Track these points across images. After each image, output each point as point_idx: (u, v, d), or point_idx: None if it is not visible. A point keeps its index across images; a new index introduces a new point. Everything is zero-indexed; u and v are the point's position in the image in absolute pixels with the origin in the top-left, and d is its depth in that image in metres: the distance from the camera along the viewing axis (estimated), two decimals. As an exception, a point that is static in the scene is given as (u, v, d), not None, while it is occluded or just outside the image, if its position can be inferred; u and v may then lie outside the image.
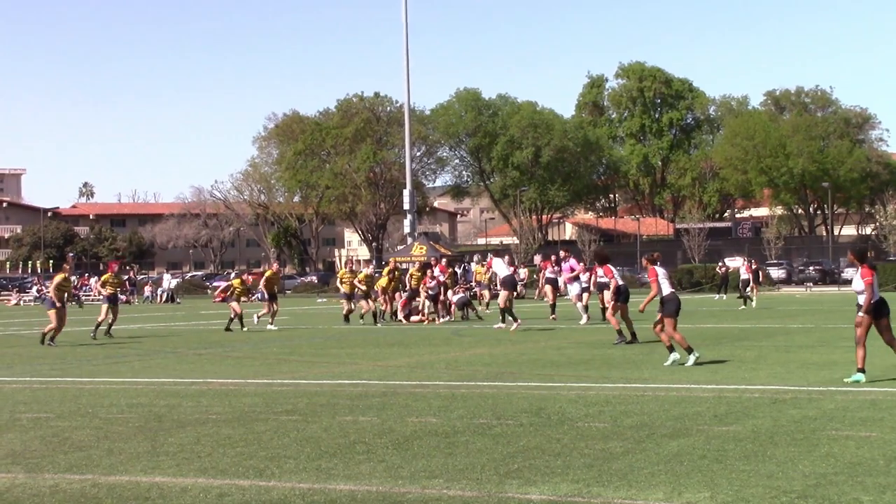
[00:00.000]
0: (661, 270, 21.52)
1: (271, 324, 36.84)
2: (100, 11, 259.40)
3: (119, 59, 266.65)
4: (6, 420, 14.81)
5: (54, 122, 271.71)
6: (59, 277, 31.58)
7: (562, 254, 37.76)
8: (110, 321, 33.62)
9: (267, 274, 38.36)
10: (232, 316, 36.70)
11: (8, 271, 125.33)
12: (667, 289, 21.23)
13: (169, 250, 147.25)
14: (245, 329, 35.80)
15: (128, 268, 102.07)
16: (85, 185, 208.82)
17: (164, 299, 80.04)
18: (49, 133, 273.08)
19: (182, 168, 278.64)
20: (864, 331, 17.28)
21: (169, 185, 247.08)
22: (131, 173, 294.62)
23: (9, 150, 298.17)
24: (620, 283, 28.03)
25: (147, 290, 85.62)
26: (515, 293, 28.79)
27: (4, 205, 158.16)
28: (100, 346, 30.38)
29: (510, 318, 32.34)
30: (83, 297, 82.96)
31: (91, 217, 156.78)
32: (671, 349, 20.93)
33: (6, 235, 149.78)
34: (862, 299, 17.42)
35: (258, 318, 37.59)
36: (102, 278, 35.09)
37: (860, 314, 17.35)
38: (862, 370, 17.33)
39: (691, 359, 20.68)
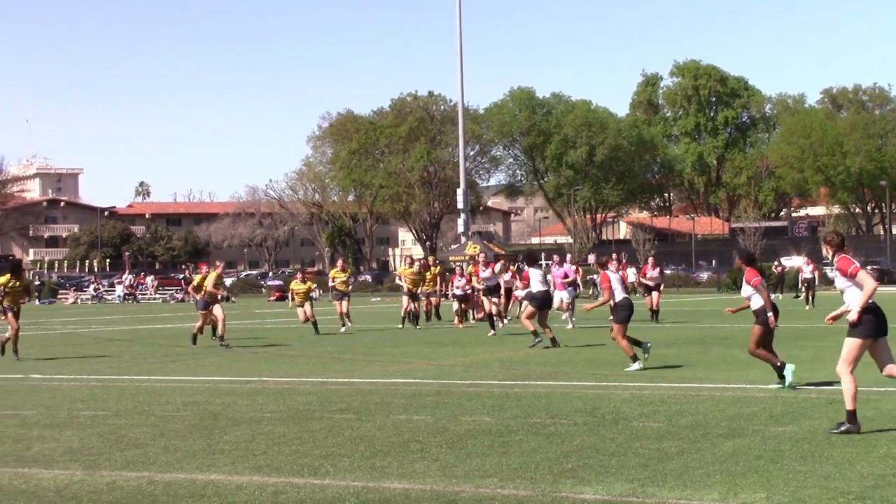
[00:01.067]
0: (613, 276, 21.07)
1: (343, 326, 35.57)
2: (156, 12, 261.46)
3: (176, 60, 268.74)
4: (64, 417, 14.95)
5: (111, 123, 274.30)
6: (213, 275, 29.82)
7: (555, 257, 36.29)
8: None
9: (339, 274, 36.54)
10: (303, 321, 34.43)
11: (66, 270, 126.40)
12: (619, 295, 20.73)
13: (224, 249, 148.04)
14: (342, 329, 34.73)
15: (182, 267, 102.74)
16: (141, 184, 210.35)
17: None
18: (106, 133, 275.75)
19: (237, 167, 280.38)
20: (759, 338, 16.79)
21: (224, 184, 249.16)
22: (187, 173, 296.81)
23: (67, 150, 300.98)
24: (540, 289, 26.39)
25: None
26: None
27: (62, 204, 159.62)
28: (156, 344, 30.57)
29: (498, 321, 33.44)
30: (139, 296, 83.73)
31: (147, 216, 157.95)
32: (634, 358, 20.43)
33: (64, 235, 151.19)
34: (755, 304, 16.95)
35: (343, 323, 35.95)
36: (205, 279, 30.61)
37: (758, 323, 16.81)
38: (782, 367, 16.98)
39: (634, 366, 20.16)
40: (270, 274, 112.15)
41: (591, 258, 37.64)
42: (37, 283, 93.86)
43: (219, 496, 9.66)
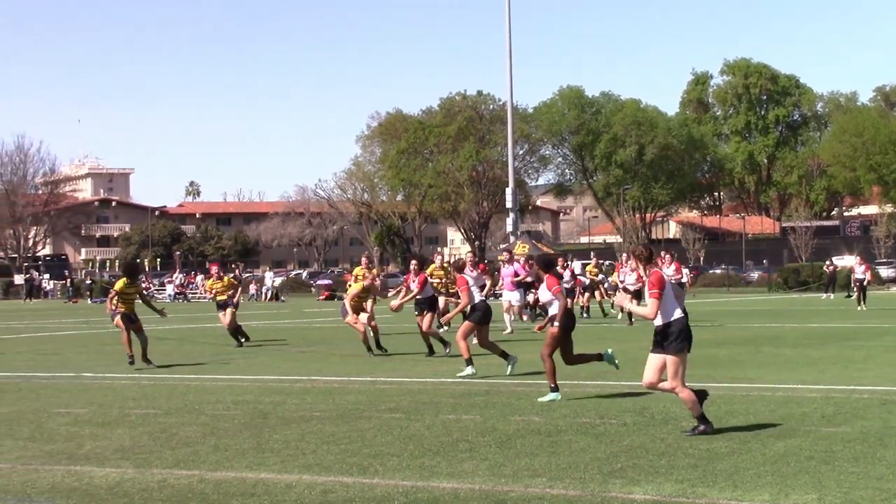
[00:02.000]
0: (471, 278, 20.64)
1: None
2: (203, 14, 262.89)
3: (227, 61, 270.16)
4: (116, 416, 15.05)
5: (162, 123, 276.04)
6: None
7: (505, 255, 33.39)
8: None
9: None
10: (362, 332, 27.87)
11: (117, 270, 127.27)
12: (477, 297, 20.16)
13: (273, 249, 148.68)
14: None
15: (233, 266, 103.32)
16: (191, 184, 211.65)
17: (268, 297, 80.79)
18: (157, 133, 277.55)
19: (287, 167, 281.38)
20: (553, 347, 16.19)
21: (273, 183, 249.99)
22: (237, 172, 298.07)
23: (118, 150, 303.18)
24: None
25: (252, 288, 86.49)
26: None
27: (114, 204, 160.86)
28: (206, 343, 30.73)
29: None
30: (190, 295, 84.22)
31: (197, 216, 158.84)
32: (469, 362, 19.76)
33: (115, 234, 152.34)
34: (553, 310, 16.46)
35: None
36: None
37: (555, 325, 16.20)
38: (555, 388, 16.10)
39: (468, 370, 19.65)
40: (321, 273, 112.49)
41: (574, 263, 36.48)
42: (88, 282, 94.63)
43: (268, 495, 9.71)
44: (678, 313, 12.54)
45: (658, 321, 12.53)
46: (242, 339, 29.07)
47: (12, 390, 18.53)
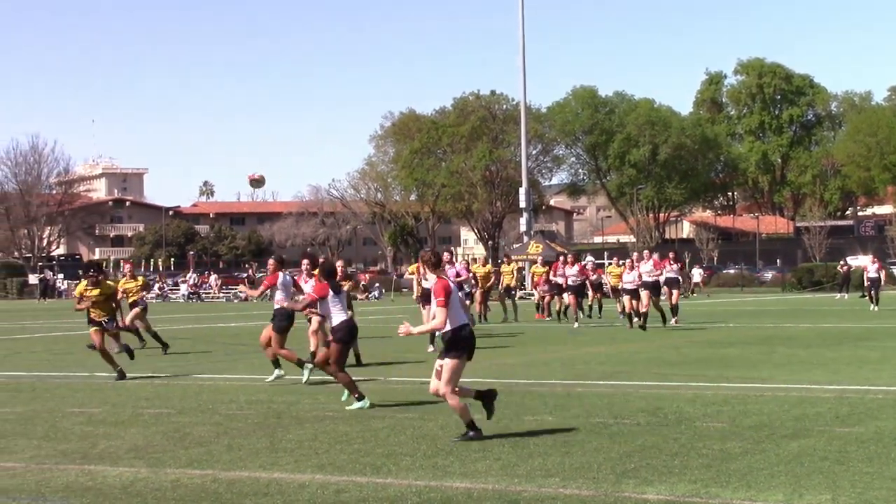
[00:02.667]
0: (283, 282, 20.08)
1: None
2: (217, 14, 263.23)
3: (238, 61, 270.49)
4: (129, 416, 15.08)
5: (176, 123, 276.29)
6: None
7: (445, 255, 28.90)
8: None
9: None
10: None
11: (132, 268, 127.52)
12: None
13: (287, 248, 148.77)
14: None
15: (245, 266, 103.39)
16: (205, 183, 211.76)
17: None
18: (170, 133, 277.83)
19: (300, 167, 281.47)
20: (338, 355, 15.65)
21: (287, 183, 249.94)
22: (250, 172, 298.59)
23: (132, 150, 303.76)
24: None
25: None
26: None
27: (128, 204, 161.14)
28: (220, 343, 30.76)
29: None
30: (203, 295, 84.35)
31: (211, 216, 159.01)
32: (276, 363, 19.50)
33: (129, 234, 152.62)
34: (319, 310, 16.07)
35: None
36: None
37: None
38: (360, 397, 15.48)
39: (305, 374, 18.82)
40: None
41: (654, 257, 35.19)
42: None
43: (282, 494, 9.71)
44: (462, 320, 12.48)
45: (449, 326, 12.39)
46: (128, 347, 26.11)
47: (27, 390, 18.57)
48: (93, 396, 17.56)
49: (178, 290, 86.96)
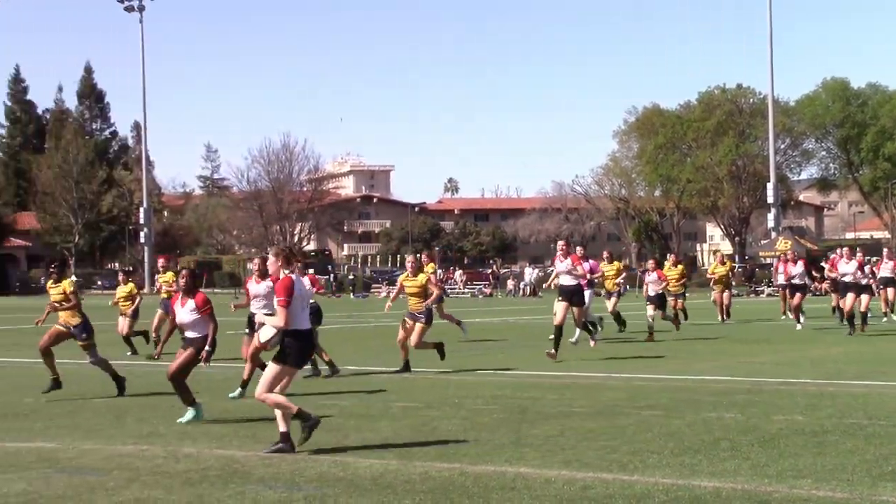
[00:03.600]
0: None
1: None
2: (459, 13, 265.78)
3: (482, 59, 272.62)
4: (379, 409, 15.38)
5: (421, 121, 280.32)
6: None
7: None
8: None
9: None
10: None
11: (378, 265, 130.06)
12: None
13: (531, 244, 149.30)
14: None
15: (490, 262, 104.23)
16: (450, 180, 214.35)
17: (527, 293, 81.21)
18: (417, 131, 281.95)
19: (543, 163, 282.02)
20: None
21: (531, 179, 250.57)
22: (494, 169, 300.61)
23: (379, 147, 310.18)
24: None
25: (510, 283, 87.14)
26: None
27: (375, 200, 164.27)
28: (465, 338, 31.01)
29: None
30: (448, 291, 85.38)
31: (456, 212, 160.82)
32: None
33: (376, 230, 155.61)
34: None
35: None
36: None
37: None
38: (193, 402, 14.35)
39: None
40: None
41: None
42: (350, 277, 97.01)
43: (528, 489, 9.75)
44: (302, 326, 11.98)
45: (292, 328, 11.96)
46: (130, 352, 25.67)
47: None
48: (344, 390, 17.94)
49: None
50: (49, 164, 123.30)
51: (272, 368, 12.00)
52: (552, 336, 22.94)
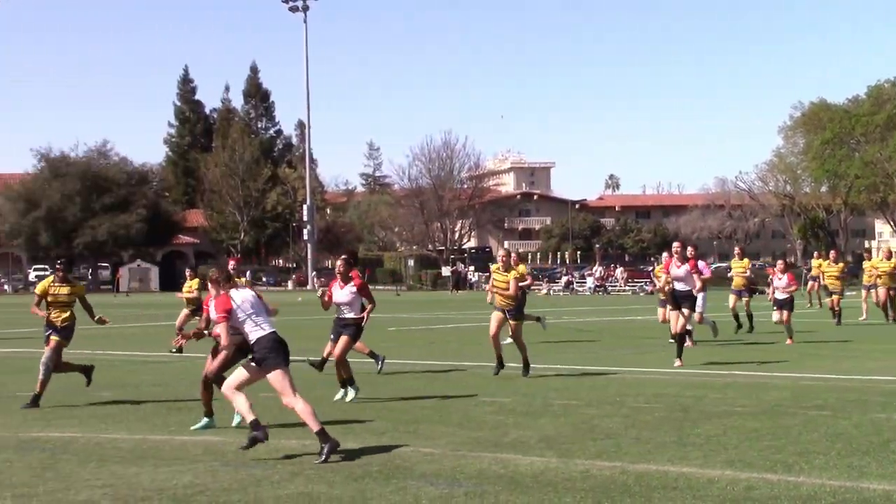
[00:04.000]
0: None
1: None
2: (617, 9, 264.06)
3: (642, 55, 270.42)
4: (539, 406, 15.36)
5: (582, 117, 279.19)
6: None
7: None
8: None
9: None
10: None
11: (538, 262, 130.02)
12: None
13: (693, 241, 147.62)
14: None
15: (651, 259, 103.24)
16: (611, 177, 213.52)
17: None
18: (577, 127, 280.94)
19: (706, 159, 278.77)
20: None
21: (693, 176, 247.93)
22: (655, 165, 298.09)
23: (539, 144, 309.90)
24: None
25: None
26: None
27: (535, 197, 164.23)
28: (626, 336, 30.85)
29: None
30: (609, 288, 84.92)
31: (616, 209, 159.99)
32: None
33: (536, 227, 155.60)
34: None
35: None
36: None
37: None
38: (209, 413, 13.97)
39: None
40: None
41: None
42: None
43: (690, 489, 9.64)
44: (264, 331, 11.90)
45: (252, 337, 11.90)
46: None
47: (441, 379, 19.22)
48: (504, 386, 17.98)
49: (585, 283, 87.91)
50: (216, 163, 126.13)
51: (241, 369, 12.12)
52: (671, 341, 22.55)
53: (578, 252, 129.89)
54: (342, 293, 16.41)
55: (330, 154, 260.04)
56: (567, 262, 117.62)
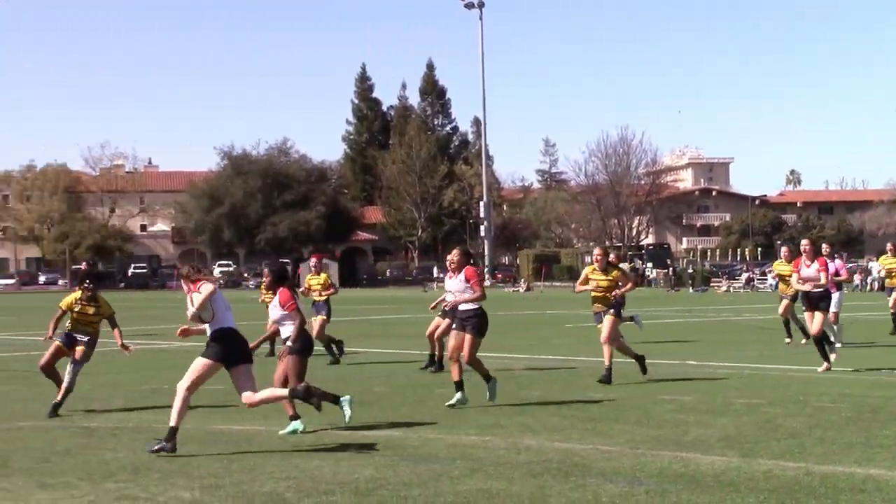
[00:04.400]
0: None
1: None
2: (804, 10, 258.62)
3: (821, 49, 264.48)
4: (720, 404, 15.12)
5: (762, 112, 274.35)
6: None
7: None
8: None
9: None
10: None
11: (717, 258, 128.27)
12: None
13: (878, 238, 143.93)
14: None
15: (835, 256, 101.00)
16: (792, 172, 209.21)
17: (874, 288, 78.43)
18: (757, 122, 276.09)
19: (892, 153, 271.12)
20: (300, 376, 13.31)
21: (878, 171, 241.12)
22: (838, 159, 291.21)
23: (718, 139, 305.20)
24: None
25: (856, 278, 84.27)
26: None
27: (714, 193, 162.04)
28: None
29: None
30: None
31: (798, 204, 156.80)
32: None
33: (715, 223, 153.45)
34: (288, 331, 13.36)
35: None
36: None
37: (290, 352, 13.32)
38: (296, 416, 13.18)
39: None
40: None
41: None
42: (689, 271, 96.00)
43: (879, 492, 9.37)
44: (225, 324, 12.26)
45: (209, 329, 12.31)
46: (337, 354, 23.14)
47: (619, 377, 19.03)
48: (683, 385, 17.76)
49: (766, 280, 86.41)
50: (394, 160, 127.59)
51: (199, 362, 12.20)
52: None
53: (759, 248, 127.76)
54: (454, 282, 16.34)
55: (506, 150, 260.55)
56: (747, 258, 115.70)
